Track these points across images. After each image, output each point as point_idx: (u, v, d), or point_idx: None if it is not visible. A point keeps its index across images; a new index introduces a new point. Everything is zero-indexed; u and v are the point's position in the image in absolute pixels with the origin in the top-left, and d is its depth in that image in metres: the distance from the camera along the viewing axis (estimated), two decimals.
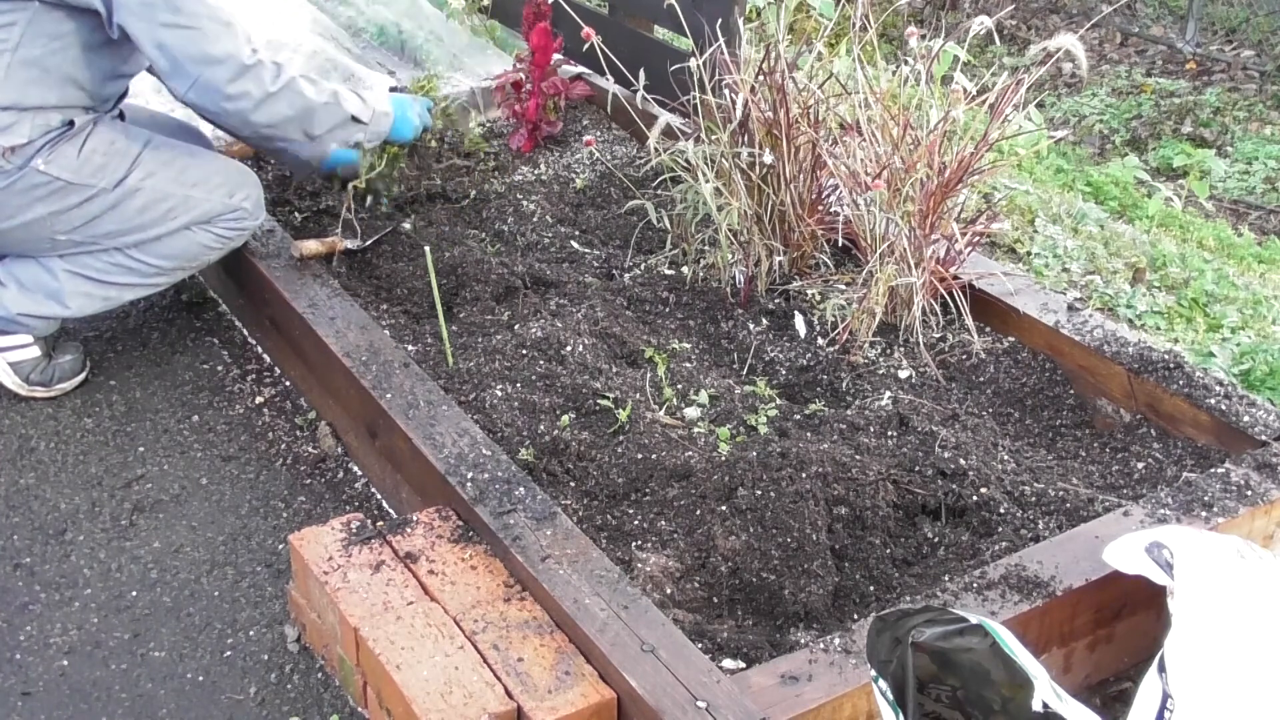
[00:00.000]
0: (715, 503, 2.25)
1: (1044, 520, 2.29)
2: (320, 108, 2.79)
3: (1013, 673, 1.69)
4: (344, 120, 2.85)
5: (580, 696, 1.88)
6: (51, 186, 2.67)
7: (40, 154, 2.64)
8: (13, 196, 2.66)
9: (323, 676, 2.22)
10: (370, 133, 2.94)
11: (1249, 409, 2.48)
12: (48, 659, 2.24)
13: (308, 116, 2.77)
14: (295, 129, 2.78)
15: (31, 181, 2.65)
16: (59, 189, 2.67)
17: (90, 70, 2.68)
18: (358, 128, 2.90)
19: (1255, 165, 5.78)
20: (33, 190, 2.66)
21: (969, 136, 2.82)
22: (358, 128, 2.90)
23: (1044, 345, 2.78)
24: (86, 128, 2.71)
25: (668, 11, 3.15)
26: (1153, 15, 7.48)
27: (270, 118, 2.73)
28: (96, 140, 2.71)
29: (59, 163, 2.66)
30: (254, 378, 3.00)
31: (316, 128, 2.81)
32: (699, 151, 2.92)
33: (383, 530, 2.22)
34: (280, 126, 2.76)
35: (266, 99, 2.69)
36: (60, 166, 2.66)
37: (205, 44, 2.61)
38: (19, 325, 2.83)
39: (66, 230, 2.73)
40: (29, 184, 2.65)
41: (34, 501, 2.60)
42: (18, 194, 2.66)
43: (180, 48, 2.60)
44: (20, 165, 2.63)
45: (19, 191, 2.66)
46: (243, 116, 2.71)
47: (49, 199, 2.68)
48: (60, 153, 2.66)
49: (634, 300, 2.96)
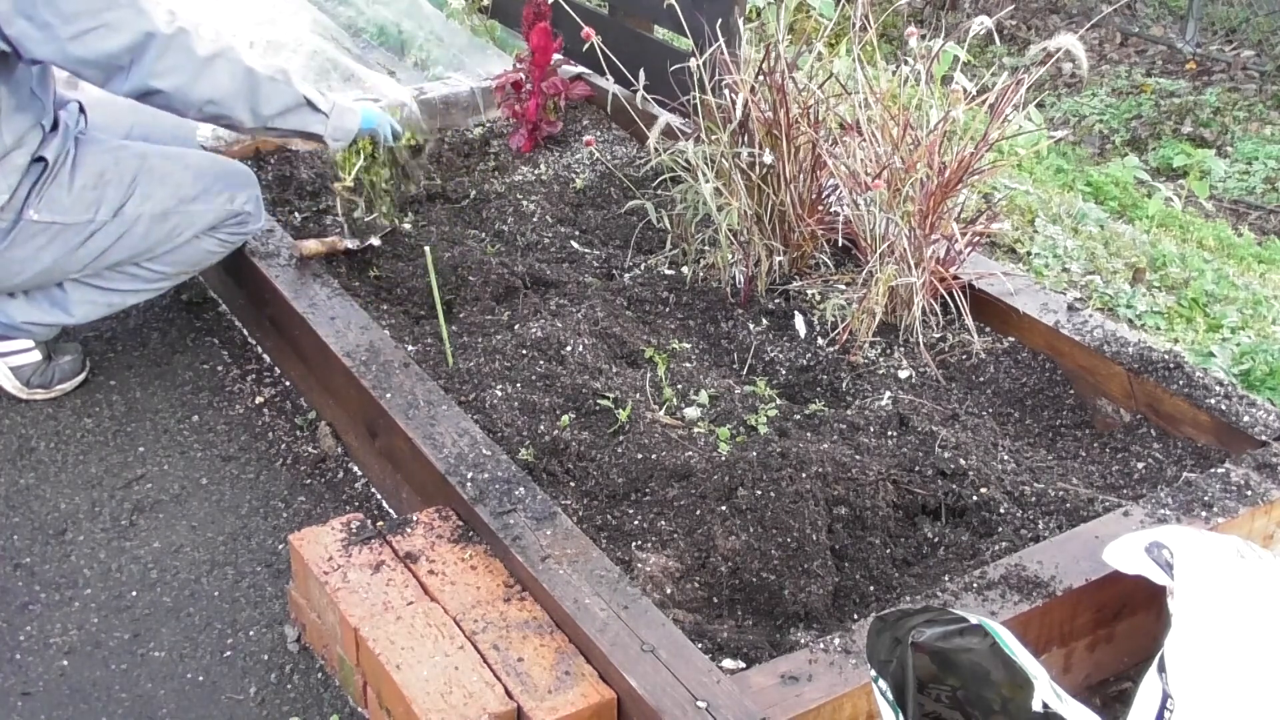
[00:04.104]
0: (715, 503, 2.25)
1: (1044, 520, 2.30)
2: (266, 82, 2.58)
3: (1013, 673, 1.69)
4: (297, 101, 2.64)
5: (580, 696, 1.88)
6: (51, 232, 2.63)
7: (30, 204, 2.60)
8: (16, 250, 2.63)
9: (323, 676, 2.22)
10: (334, 126, 2.73)
11: (1249, 409, 2.48)
12: (48, 659, 2.24)
13: (253, 91, 2.56)
14: (241, 105, 2.56)
15: (30, 233, 2.62)
16: (58, 232, 2.64)
17: (39, 95, 2.59)
18: (316, 117, 2.69)
19: (1255, 165, 5.78)
20: (34, 240, 2.63)
21: (969, 136, 2.82)
22: (316, 117, 2.69)
23: (1044, 345, 2.78)
24: (67, 159, 2.63)
25: (668, 11, 3.15)
26: (1153, 15, 7.48)
27: (211, 91, 2.52)
28: (85, 175, 2.64)
29: (51, 208, 2.62)
30: (254, 378, 3.00)
31: (264, 105, 2.59)
32: (699, 151, 2.92)
33: (383, 530, 2.22)
34: (224, 102, 2.54)
35: (202, 68, 2.49)
36: (54, 211, 2.62)
37: (116, 36, 2.42)
38: (22, 331, 2.83)
39: (79, 268, 2.72)
40: (28, 235, 2.62)
41: (34, 501, 2.60)
42: (21, 248, 2.63)
43: (95, 52, 2.43)
44: (14, 220, 2.59)
45: (21, 244, 2.62)
46: (183, 95, 2.51)
47: (52, 245, 2.64)
48: (50, 197, 2.61)
49: (634, 300, 2.96)
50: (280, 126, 2.66)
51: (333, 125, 2.73)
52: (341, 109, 2.75)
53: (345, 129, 2.76)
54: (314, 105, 2.68)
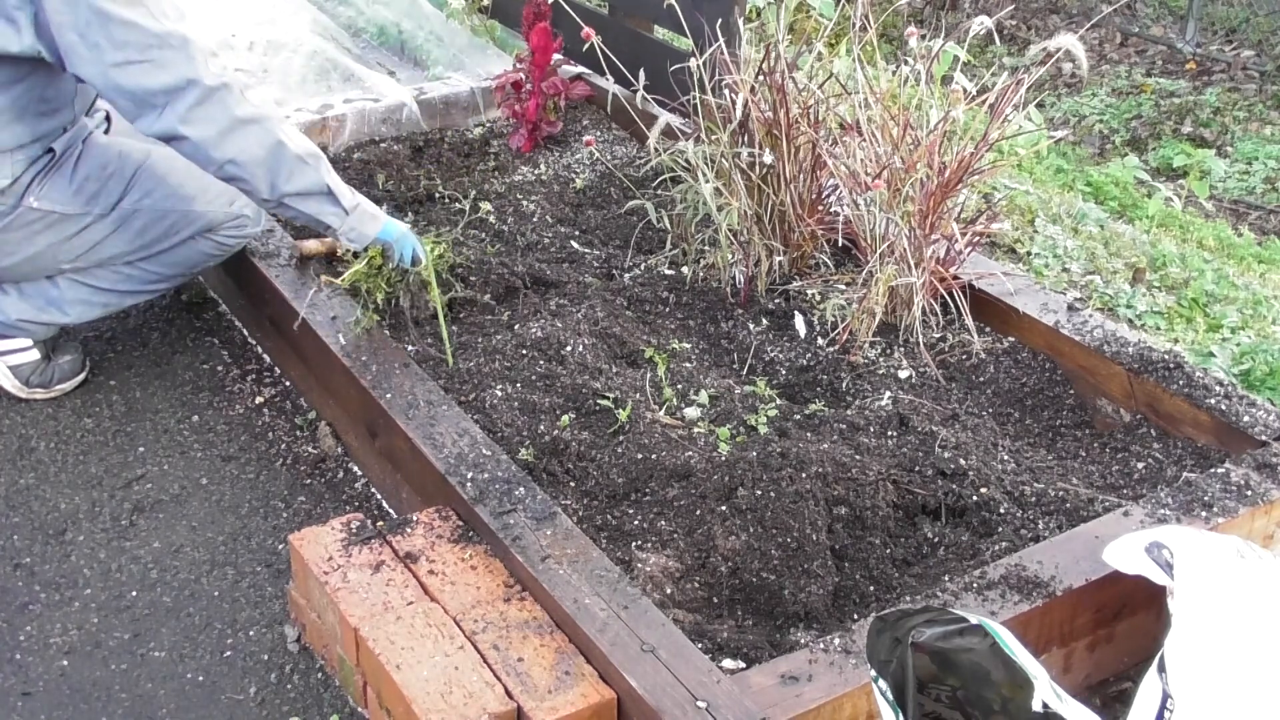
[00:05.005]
0: (715, 503, 2.25)
1: (1044, 520, 2.29)
2: (293, 159, 2.49)
3: (1013, 673, 1.69)
4: (319, 188, 2.54)
5: (580, 696, 1.88)
6: (48, 220, 2.64)
7: (31, 191, 2.61)
8: (12, 234, 2.64)
9: (323, 676, 2.22)
10: (350, 226, 2.60)
11: (1249, 409, 2.48)
12: (48, 659, 2.24)
13: (277, 164, 2.48)
14: (262, 174, 2.48)
15: (27, 219, 2.63)
16: (55, 221, 2.65)
17: (59, 97, 2.59)
18: (334, 210, 2.58)
19: (1255, 165, 5.78)
20: (30, 226, 2.64)
21: (969, 136, 2.82)
22: (334, 210, 2.58)
23: (1044, 345, 2.78)
24: (74, 151, 2.65)
25: (668, 11, 3.16)
26: (1153, 15, 7.48)
27: (236, 152, 2.45)
28: (89, 166, 2.66)
29: (51, 196, 2.63)
30: (254, 378, 3.00)
31: (284, 181, 2.50)
32: (699, 151, 2.92)
33: (383, 530, 2.22)
34: (245, 166, 2.47)
35: (234, 128, 2.44)
36: (53, 200, 2.63)
37: (159, 74, 2.38)
38: (18, 330, 2.83)
39: (70, 259, 2.72)
40: (25, 221, 2.63)
41: (34, 501, 2.60)
42: (16, 231, 2.64)
43: (135, 85, 2.39)
44: (13, 205, 2.60)
45: (17, 229, 2.64)
46: (207, 149, 2.45)
47: (47, 232, 2.66)
48: (52, 185, 2.63)
49: (634, 300, 2.96)
50: (296, 207, 2.56)
51: (350, 225, 2.61)
52: (364, 213, 2.63)
53: (362, 233, 2.64)
54: (335, 197, 2.57)
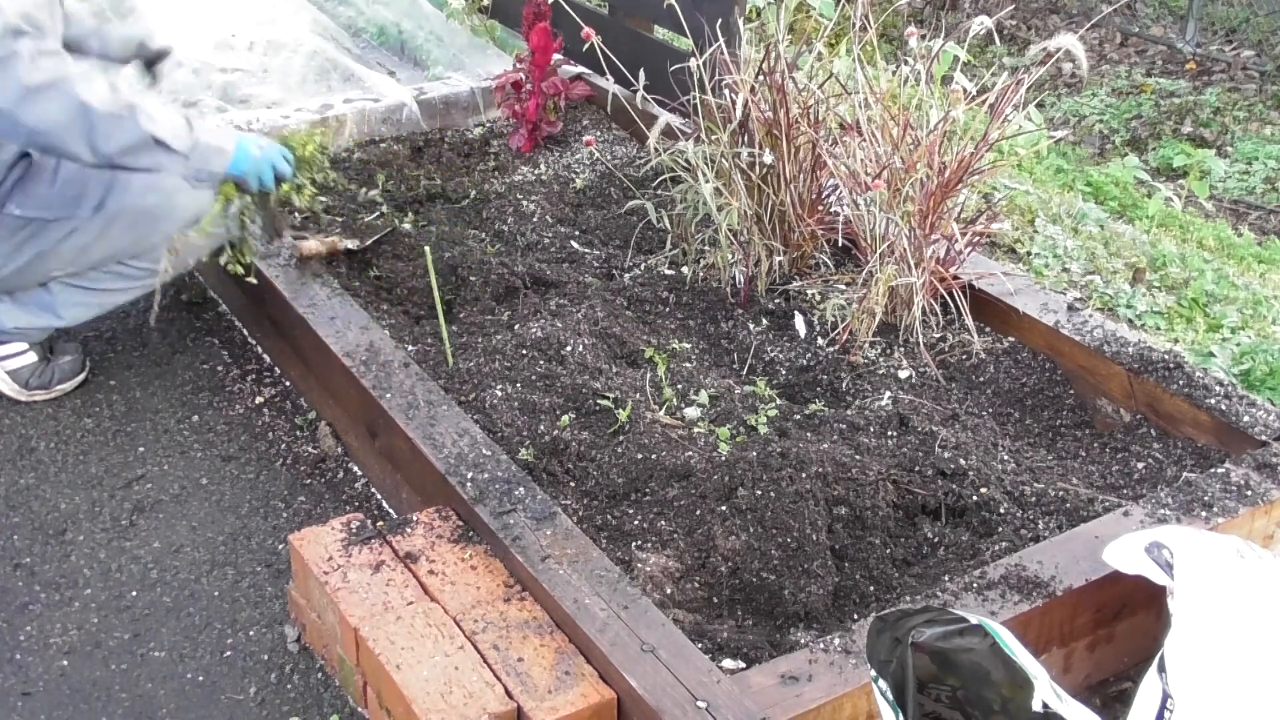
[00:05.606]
0: (715, 503, 2.25)
1: (1044, 520, 2.29)
2: (105, 118, 2.35)
3: (1013, 673, 1.69)
4: (142, 140, 2.41)
5: (580, 696, 1.88)
6: (31, 228, 2.61)
7: (12, 199, 2.57)
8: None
9: (323, 676, 2.22)
10: (193, 167, 2.52)
11: (1249, 409, 2.48)
12: (48, 659, 2.24)
13: (88, 125, 2.35)
14: (76, 140, 2.36)
15: (10, 227, 2.60)
16: (39, 229, 2.62)
17: None
18: (171, 157, 2.47)
19: (1255, 165, 5.78)
20: (14, 235, 2.61)
21: (969, 136, 2.83)
22: (171, 157, 2.47)
23: (1044, 345, 2.78)
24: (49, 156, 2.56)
25: (668, 11, 3.16)
26: (1153, 15, 7.48)
27: (35, 121, 2.32)
28: (68, 169, 2.58)
29: (31, 203, 2.59)
30: (254, 378, 3.00)
31: (103, 142, 2.38)
32: (699, 151, 2.92)
33: (383, 530, 2.22)
34: (54, 134, 2.35)
35: (25, 96, 2.29)
36: (34, 206, 2.59)
37: None
38: (13, 336, 2.82)
39: (61, 266, 2.70)
40: (9, 230, 2.60)
41: (34, 501, 2.60)
42: (2, 244, 2.61)
43: None
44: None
45: (2, 241, 2.61)
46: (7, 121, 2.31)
47: (33, 240, 2.63)
48: (31, 193, 2.59)
49: (634, 300, 2.96)
50: (127, 165, 2.46)
51: (193, 168, 2.53)
52: (206, 149, 2.53)
53: (210, 172, 2.56)
54: (165, 145, 2.45)
